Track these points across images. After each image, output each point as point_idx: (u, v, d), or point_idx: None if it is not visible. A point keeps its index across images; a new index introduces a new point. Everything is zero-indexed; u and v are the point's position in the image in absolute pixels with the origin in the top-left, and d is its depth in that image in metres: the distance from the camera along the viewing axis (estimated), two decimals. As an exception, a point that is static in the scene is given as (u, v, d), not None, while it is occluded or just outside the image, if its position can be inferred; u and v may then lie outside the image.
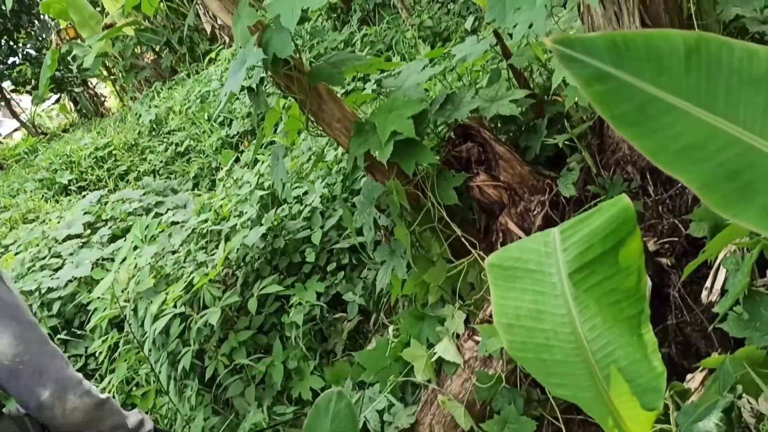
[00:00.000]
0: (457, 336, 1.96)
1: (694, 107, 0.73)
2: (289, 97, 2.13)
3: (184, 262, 2.94)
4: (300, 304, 2.47)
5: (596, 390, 1.06)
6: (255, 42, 1.83)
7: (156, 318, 2.58)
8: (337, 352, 2.60)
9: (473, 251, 2.01)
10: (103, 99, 19.06)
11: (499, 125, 2.28)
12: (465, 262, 2.04)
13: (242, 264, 2.80)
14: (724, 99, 0.72)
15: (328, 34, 5.53)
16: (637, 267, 1.02)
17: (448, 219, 2.04)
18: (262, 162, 3.44)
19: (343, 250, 2.64)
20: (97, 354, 3.02)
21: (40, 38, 17.26)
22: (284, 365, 2.38)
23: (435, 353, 1.92)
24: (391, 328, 2.17)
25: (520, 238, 2.02)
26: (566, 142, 2.02)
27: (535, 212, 2.01)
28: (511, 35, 1.86)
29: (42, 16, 16.20)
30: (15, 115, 20.09)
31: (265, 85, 2.07)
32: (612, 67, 0.74)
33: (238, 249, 2.81)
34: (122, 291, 2.50)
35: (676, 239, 1.82)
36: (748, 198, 0.70)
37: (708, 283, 1.65)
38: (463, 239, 2.03)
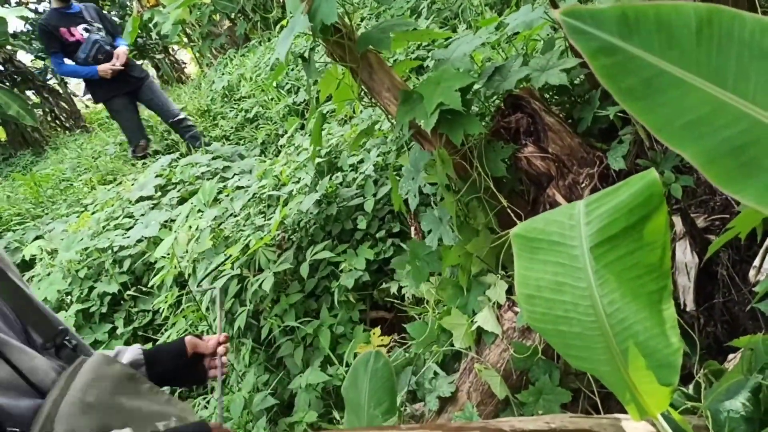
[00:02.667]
0: (499, 306, 1.97)
1: (703, 81, 0.71)
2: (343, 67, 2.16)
3: (243, 225, 3.04)
4: (351, 270, 2.53)
5: (614, 363, 1.06)
6: (304, 10, 1.86)
7: (214, 278, 2.70)
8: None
9: (519, 222, 2.00)
10: (183, 65, 19.56)
11: (554, 96, 2.25)
12: (510, 232, 2.03)
13: (297, 229, 2.88)
14: (734, 73, 0.70)
15: (396, 1, 5.49)
16: (661, 242, 1.01)
17: (495, 190, 2.04)
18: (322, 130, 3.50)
19: (393, 218, 2.67)
20: (160, 310, 3.18)
21: (124, 6, 17.79)
22: (331, 330, 2.46)
23: (475, 322, 1.94)
24: (431, 294, 2.20)
25: (567, 211, 2.00)
26: (619, 114, 1.97)
27: (584, 185, 1.98)
28: None
29: (125, -16, 16.61)
30: (100, 81, 20.86)
31: (321, 56, 2.09)
32: (620, 39, 0.73)
33: (294, 214, 2.89)
34: (185, 252, 2.62)
35: (728, 216, 1.76)
36: (753, 174, 0.69)
37: (756, 262, 1.60)
38: (509, 210, 2.03)
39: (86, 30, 5.55)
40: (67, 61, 5.59)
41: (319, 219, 2.85)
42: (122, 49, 5.74)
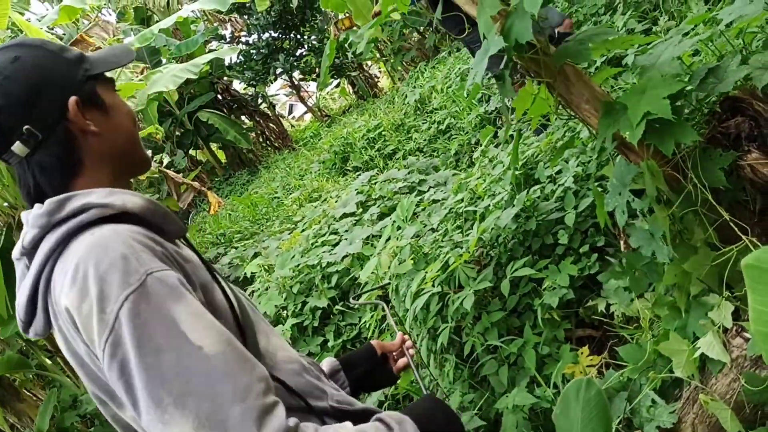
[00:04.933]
0: (725, 330, 1.79)
1: None
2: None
3: (442, 241, 3.07)
4: (554, 288, 2.45)
5: None
6: (497, 30, 1.84)
7: (416, 296, 2.76)
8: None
9: (744, 237, 1.80)
10: (376, 80, 20.45)
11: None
12: (734, 249, 1.84)
13: (495, 244, 2.85)
14: None
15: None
16: None
17: (713, 202, 1.86)
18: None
19: (597, 231, 2.55)
20: (368, 326, 3.32)
21: (322, 30, 18.97)
22: (536, 349, 2.40)
23: (697, 348, 1.78)
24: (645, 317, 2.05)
25: (804, 223, 1.78)
26: None
27: (823, 193, 1.74)
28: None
29: (323, 10, 17.69)
30: (302, 101, 22.54)
31: (512, 73, 2.05)
32: None
33: (491, 229, 2.86)
34: (384, 273, 2.72)
35: None
36: None
37: None
38: (731, 224, 1.84)
39: None
40: None
41: (517, 234, 2.80)
42: None
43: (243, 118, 18.29)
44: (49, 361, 4.33)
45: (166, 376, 0.89)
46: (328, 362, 1.62)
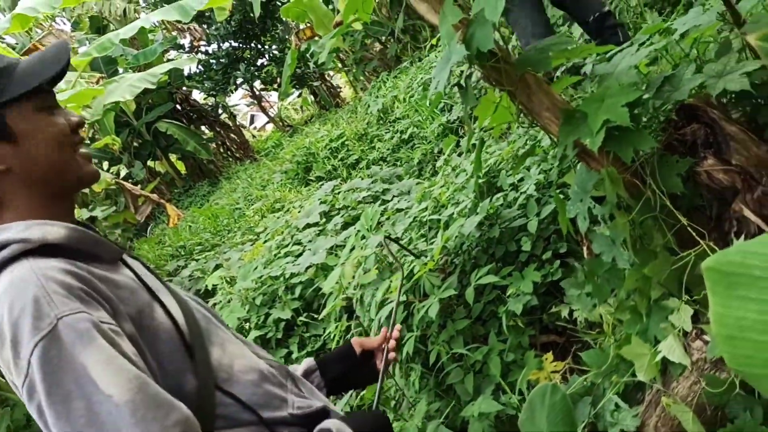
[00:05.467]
0: (685, 334, 1.82)
1: None
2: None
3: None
4: (518, 295, 2.47)
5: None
6: (459, 39, 1.85)
7: (381, 305, 2.75)
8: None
9: (701, 242, 1.84)
10: (339, 90, 20.45)
11: (732, 101, 2.06)
12: (692, 253, 1.88)
13: (460, 252, 2.86)
14: None
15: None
16: None
17: (671, 207, 1.90)
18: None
19: (559, 238, 2.58)
20: (332, 336, 3.30)
21: (284, 40, 18.90)
22: (501, 356, 2.40)
23: (659, 352, 1.81)
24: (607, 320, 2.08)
25: (758, 226, 1.82)
26: (815, 116, 1.76)
27: (777, 198, 1.79)
28: None
29: (284, 20, 17.60)
30: (264, 111, 22.42)
31: (476, 81, 2.07)
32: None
33: (455, 237, 2.87)
34: (348, 283, 2.71)
35: None
36: None
37: None
38: (689, 229, 1.88)
39: None
40: None
41: (481, 242, 2.81)
42: None
43: (203, 128, 18.09)
44: (2, 380, 4.19)
45: (75, 425, 0.89)
46: (306, 362, 1.61)
